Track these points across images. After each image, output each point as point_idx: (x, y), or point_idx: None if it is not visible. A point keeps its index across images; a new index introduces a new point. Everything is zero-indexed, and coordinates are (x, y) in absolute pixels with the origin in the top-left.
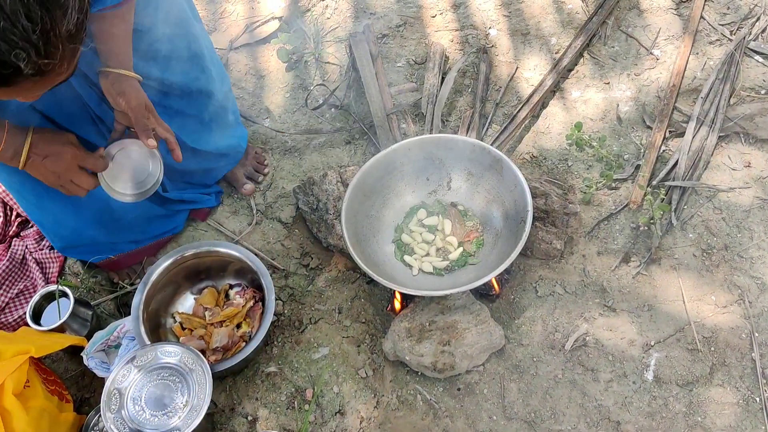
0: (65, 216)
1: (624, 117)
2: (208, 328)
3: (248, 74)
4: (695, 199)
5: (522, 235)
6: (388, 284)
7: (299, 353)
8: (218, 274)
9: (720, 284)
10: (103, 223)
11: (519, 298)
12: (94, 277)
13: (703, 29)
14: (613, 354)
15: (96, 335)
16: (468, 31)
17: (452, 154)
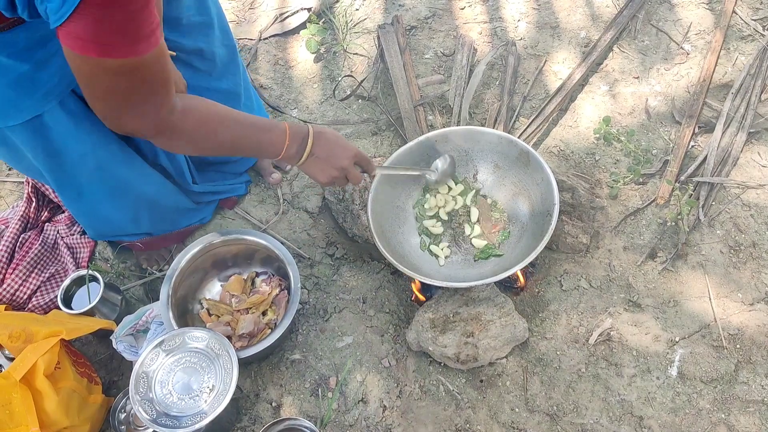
0: (104, 209)
1: (653, 112)
2: (235, 314)
3: (277, 65)
4: (723, 195)
5: (548, 229)
6: (413, 275)
7: (323, 341)
8: (245, 262)
9: (747, 281)
10: (138, 216)
11: (543, 291)
12: (123, 263)
13: (735, 24)
14: (638, 349)
15: (125, 319)
16: (497, 24)
17: (479, 146)
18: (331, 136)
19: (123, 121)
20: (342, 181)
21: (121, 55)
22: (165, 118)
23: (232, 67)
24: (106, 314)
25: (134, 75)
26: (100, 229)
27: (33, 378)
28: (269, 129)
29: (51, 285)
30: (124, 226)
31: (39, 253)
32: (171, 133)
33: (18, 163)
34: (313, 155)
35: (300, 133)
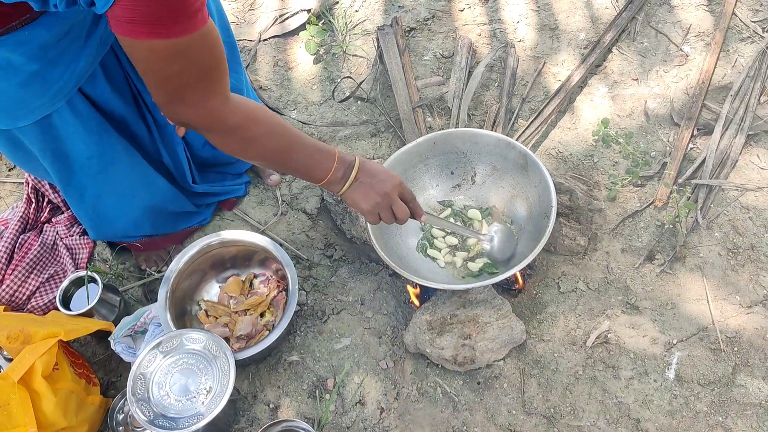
0: (106, 210)
1: (652, 114)
2: (233, 316)
3: (276, 66)
4: (722, 197)
5: (546, 231)
6: (411, 277)
7: (321, 343)
8: (243, 263)
9: (745, 284)
10: (139, 218)
11: (541, 293)
12: (122, 264)
13: (735, 26)
14: (635, 352)
15: (123, 321)
16: (496, 26)
17: (477, 148)
18: (375, 165)
19: (177, 109)
20: (386, 212)
21: (169, 35)
22: (218, 107)
23: (234, 63)
24: (104, 315)
25: (184, 56)
26: (101, 229)
27: (31, 379)
28: (320, 149)
29: (50, 286)
30: (126, 228)
31: (38, 254)
32: (223, 125)
33: (26, 164)
34: (357, 180)
35: (348, 158)
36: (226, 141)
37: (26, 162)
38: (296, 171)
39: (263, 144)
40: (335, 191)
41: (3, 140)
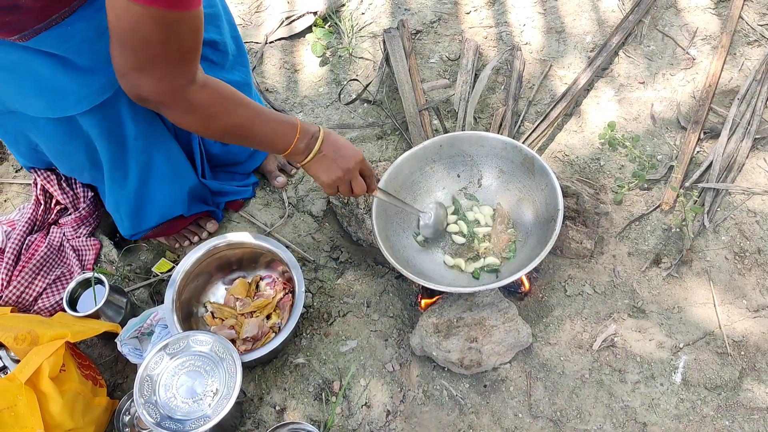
0: (149, 191)
1: (658, 117)
2: (239, 318)
3: (283, 68)
4: (729, 201)
5: (552, 234)
6: (417, 279)
7: (327, 345)
8: (250, 265)
9: (752, 288)
10: (176, 203)
11: (548, 296)
12: (128, 266)
13: (742, 29)
14: (641, 355)
15: (130, 322)
16: (502, 28)
17: (483, 151)
18: (339, 138)
19: (141, 79)
20: (345, 186)
21: (168, 4)
22: (183, 87)
23: (241, 58)
24: (111, 317)
25: (172, 29)
26: (138, 217)
27: (38, 380)
28: (281, 121)
29: (57, 287)
30: (163, 211)
31: (45, 255)
32: (186, 104)
33: (66, 158)
34: (320, 153)
35: (310, 129)
36: (186, 119)
37: (68, 156)
38: (259, 144)
39: (225, 120)
40: (299, 161)
41: (59, 131)
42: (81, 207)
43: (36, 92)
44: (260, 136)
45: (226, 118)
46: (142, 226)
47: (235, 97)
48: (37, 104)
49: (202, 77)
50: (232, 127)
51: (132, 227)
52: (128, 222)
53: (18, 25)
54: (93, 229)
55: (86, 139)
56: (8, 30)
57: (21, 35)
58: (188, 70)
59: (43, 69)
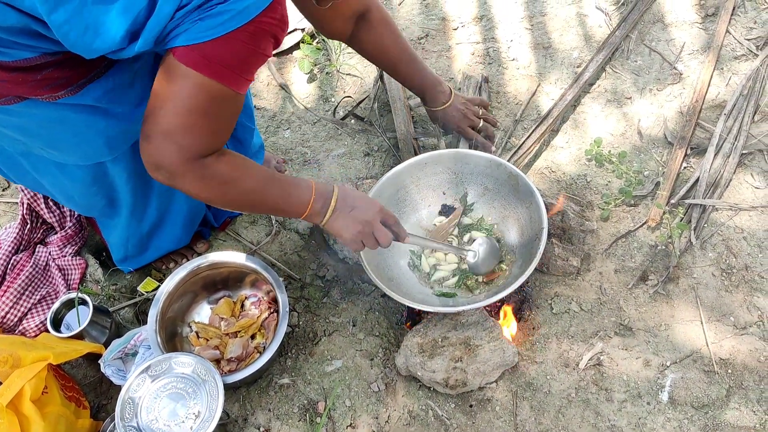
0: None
1: (645, 133)
2: (223, 338)
3: (270, 85)
4: (716, 217)
5: (537, 253)
6: (401, 299)
7: (313, 365)
8: (235, 284)
9: (739, 305)
10: (184, 232)
11: (534, 314)
12: (114, 285)
13: (729, 44)
14: (628, 374)
15: (113, 343)
16: (489, 44)
17: (468, 168)
18: (355, 192)
19: (167, 146)
20: (369, 238)
21: (227, 81)
22: (199, 160)
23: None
24: (95, 337)
25: (220, 104)
26: (146, 252)
27: (20, 403)
28: (296, 184)
29: (42, 307)
30: (171, 241)
31: (30, 275)
32: (201, 174)
33: (86, 199)
34: (337, 210)
35: (326, 189)
36: (201, 189)
37: (88, 197)
38: (275, 209)
39: (240, 188)
40: (317, 222)
41: (87, 175)
42: (67, 226)
43: (72, 145)
44: (276, 201)
45: (241, 185)
46: (143, 262)
47: (248, 165)
48: (72, 155)
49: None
50: (246, 193)
51: (133, 264)
52: (131, 260)
53: (63, 81)
54: (79, 248)
55: (110, 180)
56: (53, 87)
57: (68, 90)
58: (215, 145)
59: (80, 123)
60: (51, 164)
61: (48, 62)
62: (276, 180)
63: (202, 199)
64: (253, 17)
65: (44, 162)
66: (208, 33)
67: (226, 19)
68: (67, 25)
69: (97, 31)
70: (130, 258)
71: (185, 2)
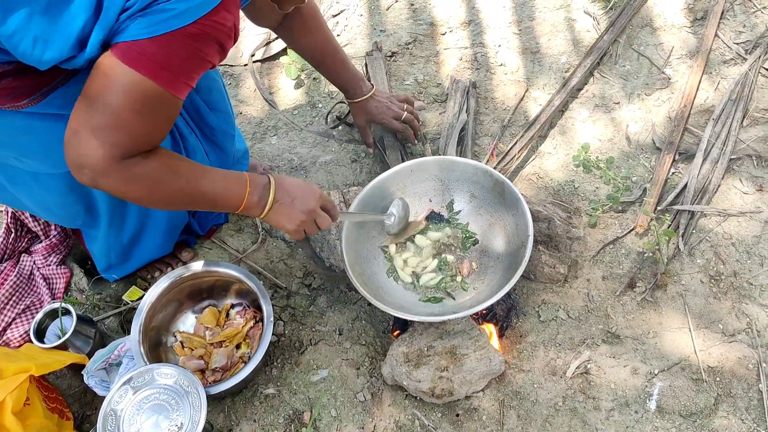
0: (148, 237)
1: (633, 138)
2: (208, 348)
3: (257, 91)
4: (704, 223)
5: (522, 261)
6: (386, 309)
7: (298, 375)
8: (220, 293)
9: (728, 312)
10: (166, 239)
11: (521, 322)
12: (99, 294)
13: (718, 48)
14: (616, 382)
15: (97, 354)
16: (477, 49)
17: (454, 176)
18: (293, 181)
19: (93, 143)
20: (311, 226)
21: (165, 83)
22: (125, 160)
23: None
24: (79, 347)
25: (155, 106)
26: (129, 260)
27: (1, 415)
28: (229, 177)
29: (26, 317)
30: (153, 250)
31: (15, 284)
32: (127, 174)
33: (65, 209)
34: (277, 202)
35: (261, 180)
36: (127, 190)
37: (65, 206)
38: (210, 204)
39: (169, 187)
40: (256, 215)
41: (61, 183)
42: (52, 234)
43: (41, 153)
44: (210, 196)
45: (169, 185)
46: (127, 270)
47: (177, 163)
48: (43, 163)
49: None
50: (175, 192)
51: (117, 272)
52: (115, 269)
53: (24, 90)
54: (64, 257)
55: (86, 189)
56: (14, 96)
57: (31, 99)
58: (144, 147)
59: (45, 131)
60: (26, 175)
61: (5, 71)
62: (208, 175)
63: (128, 199)
64: (195, 19)
65: (20, 174)
66: (148, 30)
67: (167, 17)
68: (16, 37)
69: (47, 42)
70: (113, 267)
71: (129, 5)
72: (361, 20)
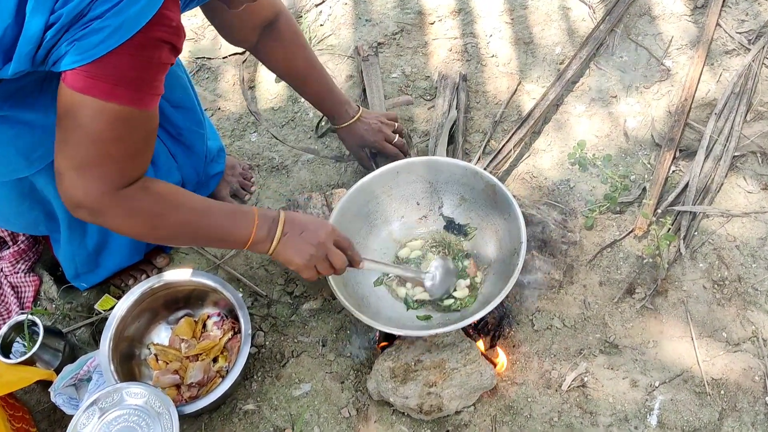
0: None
1: (631, 134)
2: (184, 361)
3: (236, 85)
4: (707, 224)
5: (515, 270)
6: (371, 322)
7: (279, 389)
8: (197, 302)
9: (732, 320)
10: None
11: (514, 331)
12: (69, 303)
13: (719, 38)
14: (614, 395)
15: (65, 369)
16: (468, 39)
17: (443, 177)
18: (303, 216)
19: (81, 182)
20: (323, 263)
21: (126, 101)
22: (120, 192)
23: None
24: (47, 361)
25: (127, 127)
26: (97, 269)
27: None
28: (236, 210)
29: None
30: (122, 258)
31: None
32: (127, 208)
33: (23, 217)
34: (285, 234)
35: (269, 214)
36: (129, 224)
37: (23, 214)
38: (216, 239)
39: (171, 220)
40: (264, 251)
41: (13, 192)
42: (20, 240)
43: None
44: (215, 230)
45: (173, 217)
46: (97, 278)
47: (179, 194)
48: None
49: (142, 178)
50: (180, 225)
51: (87, 280)
52: (84, 276)
53: None
54: (33, 263)
55: (41, 195)
56: None
57: None
58: (135, 172)
59: None
60: None
61: None
62: (213, 209)
63: (132, 235)
64: (137, 30)
65: None
66: (90, 53)
67: (106, 35)
68: None
69: None
70: (81, 275)
71: (53, 21)
72: (345, 9)
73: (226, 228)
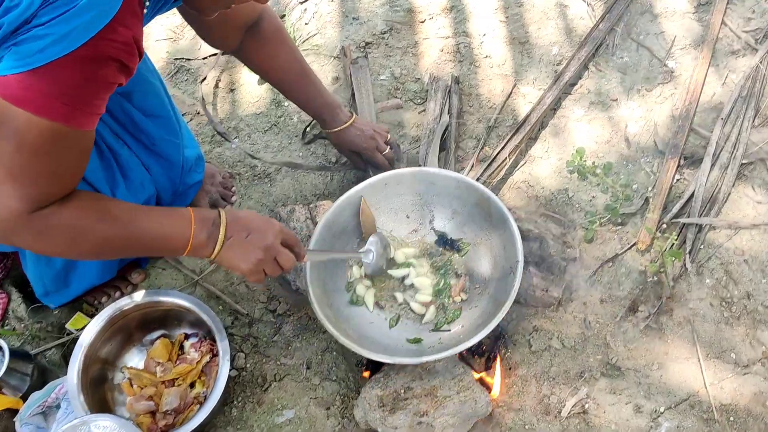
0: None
1: (633, 140)
2: (159, 386)
3: (217, 87)
4: (713, 237)
5: (511, 292)
6: (356, 348)
7: (261, 416)
8: (173, 322)
9: (741, 340)
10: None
11: (510, 353)
12: (39, 323)
13: (725, 37)
14: (617, 422)
15: (32, 397)
16: (460, 39)
17: (434, 189)
18: (247, 214)
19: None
20: (271, 266)
21: (61, 118)
22: (36, 213)
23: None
24: (15, 386)
25: (58, 144)
26: (66, 288)
27: None
28: (169, 214)
29: None
30: (93, 276)
31: None
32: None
33: None
34: (229, 238)
35: (209, 215)
36: (42, 244)
37: None
38: (150, 248)
39: (92, 237)
40: (206, 256)
41: None
42: None
43: None
44: (147, 239)
45: (95, 233)
46: (67, 297)
47: (102, 206)
48: None
49: None
50: (104, 241)
51: (56, 300)
52: (54, 295)
53: None
54: (1, 280)
55: None
56: None
57: None
58: (57, 192)
59: None
60: None
61: None
62: (142, 215)
63: (48, 254)
64: (84, 42)
65: None
66: (27, 61)
67: (48, 44)
68: None
69: None
70: (51, 294)
71: None
72: (331, 6)
73: (159, 234)
